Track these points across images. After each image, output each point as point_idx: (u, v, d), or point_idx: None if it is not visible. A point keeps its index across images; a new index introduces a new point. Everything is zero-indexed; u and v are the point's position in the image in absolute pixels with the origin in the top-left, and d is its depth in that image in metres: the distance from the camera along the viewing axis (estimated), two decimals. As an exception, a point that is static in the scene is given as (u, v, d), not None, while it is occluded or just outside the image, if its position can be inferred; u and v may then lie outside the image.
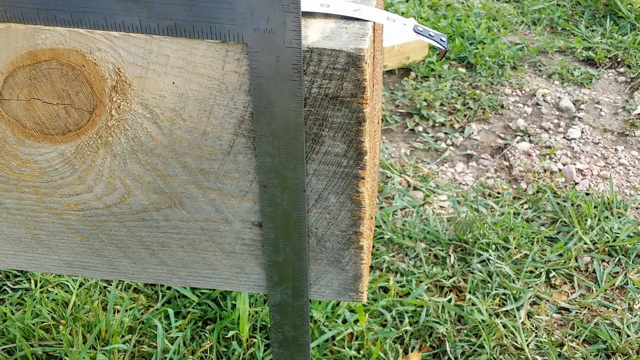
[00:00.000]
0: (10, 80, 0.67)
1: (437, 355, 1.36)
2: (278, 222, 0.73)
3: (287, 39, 0.61)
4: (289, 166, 0.68)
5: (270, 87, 0.64)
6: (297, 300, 0.81)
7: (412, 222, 1.65)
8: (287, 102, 0.64)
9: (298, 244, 0.75)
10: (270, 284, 0.80)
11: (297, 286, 0.79)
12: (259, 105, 0.65)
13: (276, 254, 0.76)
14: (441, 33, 0.71)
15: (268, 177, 0.70)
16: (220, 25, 0.61)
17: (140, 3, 0.61)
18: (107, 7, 0.62)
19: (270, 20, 0.60)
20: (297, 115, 0.65)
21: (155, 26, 0.62)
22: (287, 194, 0.71)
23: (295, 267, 0.77)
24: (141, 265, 0.83)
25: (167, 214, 0.76)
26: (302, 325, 0.84)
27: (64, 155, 0.73)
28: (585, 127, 2.08)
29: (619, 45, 2.44)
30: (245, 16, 0.60)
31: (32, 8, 0.63)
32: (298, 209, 0.72)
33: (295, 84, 0.63)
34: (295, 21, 0.60)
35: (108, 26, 0.63)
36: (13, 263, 0.85)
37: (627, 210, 1.72)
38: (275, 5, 0.59)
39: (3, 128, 0.71)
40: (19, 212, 0.79)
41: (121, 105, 0.68)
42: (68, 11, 0.62)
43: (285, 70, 0.62)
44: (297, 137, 0.66)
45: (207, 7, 0.61)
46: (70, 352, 1.28)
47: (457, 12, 2.64)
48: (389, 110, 2.15)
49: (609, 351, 1.37)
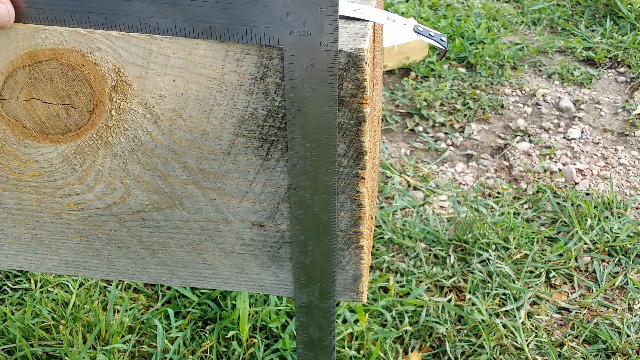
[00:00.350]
0: (10, 80, 0.67)
1: (437, 355, 1.36)
2: (307, 224, 0.73)
3: (324, 41, 0.61)
4: (321, 168, 0.68)
5: (305, 90, 0.63)
6: (324, 302, 0.81)
7: (412, 222, 1.65)
8: (321, 104, 0.64)
9: (327, 246, 0.75)
10: (297, 286, 0.80)
11: (325, 288, 0.79)
12: (293, 108, 0.65)
13: (304, 256, 0.76)
14: (441, 33, 0.71)
15: (299, 179, 0.70)
16: (257, 28, 0.61)
17: (176, 6, 0.61)
18: (142, 9, 0.62)
19: (307, 23, 0.60)
20: (330, 118, 0.65)
21: (190, 29, 0.62)
22: (317, 196, 0.71)
23: (323, 269, 0.77)
24: (141, 265, 0.83)
25: (167, 214, 0.76)
26: (328, 326, 0.84)
27: (64, 155, 0.73)
28: (585, 127, 2.08)
29: (619, 45, 2.44)
30: (282, 19, 0.60)
31: (65, 10, 0.62)
32: (328, 211, 0.72)
33: (330, 86, 0.63)
34: (333, 24, 0.60)
35: (142, 29, 0.63)
36: (13, 263, 0.85)
37: (627, 210, 1.72)
38: (313, 8, 0.59)
39: (3, 128, 0.71)
40: (19, 212, 0.79)
41: (121, 105, 0.68)
42: (102, 13, 0.62)
43: (321, 73, 0.62)
44: (330, 139, 0.66)
45: (243, 10, 0.60)
46: (70, 352, 1.28)
47: (457, 12, 2.64)
48: (389, 110, 2.15)
49: (609, 351, 1.37)
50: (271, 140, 0.69)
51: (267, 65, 0.64)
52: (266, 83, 0.65)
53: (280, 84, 0.65)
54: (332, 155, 0.67)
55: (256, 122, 0.68)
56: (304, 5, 0.59)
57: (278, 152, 0.70)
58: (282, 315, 1.37)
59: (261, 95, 0.66)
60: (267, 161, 0.70)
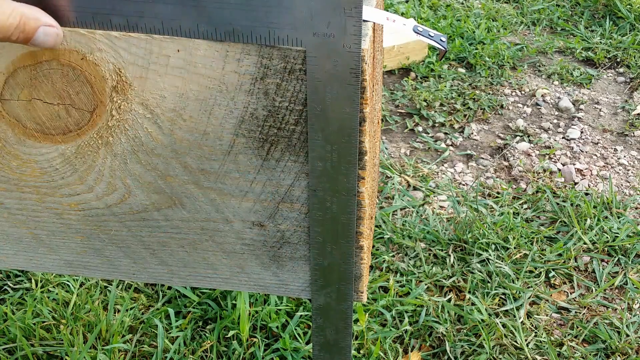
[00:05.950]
0: (11, 80, 0.68)
1: (437, 355, 1.36)
2: (326, 225, 0.73)
3: (347, 43, 0.60)
4: (341, 170, 0.68)
5: (327, 92, 0.63)
6: (341, 304, 0.81)
7: (412, 222, 1.66)
8: (343, 106, 0.64)
9: (346, 248, 0.75)
10: (315, 288, 0.79)
11: (342, 290, 0.79)
12: (314, 110, 0.65)
13: (322, 258, 0.76)
14: (441, 33, 0.71)
15: (319, 181, 0.70)
16: (280, 30, 0.61)
17: (199, 8, 0.61)
18: (165, 12, 0.61)
19: (331, 24, 0.60)
20: (352, 120, 0.65)
21: (213, 31, 0.62)
22: (337, 198, 0.70)
23: (341, 271, 0.77)
24: (142, 265, 0.83)
25: (167, 213, 0.77)
26: (345, 328, 0.84)
27: (64, 155, 0.73)
28: (585, 127, 2.09)
29: (619, 46, 2.44)
30: (305, 21, 0.60)
31: (88, 12, 0.62)
32: (347, 213, 0.71)
33: (352, 88, 0.63)
34: (356, 25, 0.59)
35: (164, 31, 0.62)
36: (14, 263, 0.86)
37: (626, 210, 1.72)
38: (337, 10, 0.59)
39: (4, 128, 0.71)
40: (19, 212, 0.79)
41: (122, 105, 0.68)
42: (124, 15, 0.62)
43: (343, 75, 0.62)
44: (351, 141, 0.66)
45: (267, 11, 0.60)
46: (70, 351, 1.29)
47: (457, 12, 2.65)
48: (389, 110, 2.15)
49: (609, 351, 1.37)
50: (271, 141, 0.69)
51: (267, 65, 0.64)
52: (266, 83, 0.65)
53: (280, 84, 0.65)
54: (353, 156, 0.67)
55: (256, 122, 0.68)
56: (328, 6, 0.59)
57: (278, 152, 0.70)
58: (282, 315, 1.37)
59: (261, 95, 0.66)
60: (268, 161, 0.71)
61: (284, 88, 0.65)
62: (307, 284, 0.81)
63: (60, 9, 0.62)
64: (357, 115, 0.65)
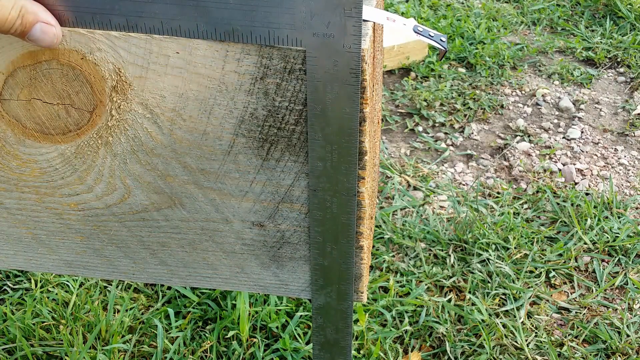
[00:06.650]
0: (10, 80, 0.67)
1: (437, 355, 1.36)
2: (327, 225, 0.73)
3: (347, 43, 0.60)
4: (341, 170, 0.68)
5: (327, 92, 0.63)
6: (341, 303, 0.81)
7: (412, 222, 1.65)
8: (343, 106, 0.64)
9: (346, 248, 0.75)
10: (315, 288, 0.80)
11: (342, 289, 0.79)
12: (314, 110, 0.65)
13: (322, 258, 0.76)
14: (441, 33, 0.71)
15: (318, 181, 0.70)
16: (279, 30, 0.61)
17: (199, 8, 0.61)
18: (164, 12, 0.61)
19: (331, 24, 0.60)
20: (352, 120, 0.65)
21: (212, 31, 0.62)
22: (337, 198, 0.71)
23: (342, 271, 0.77)
24: (141, 265, 0.83)
25: (167, 213, 0.77)
26: (345, 328, 0.84)
27: (64, 155, 0.73)
28: (585, 127, 2.09)
29: (619, 46, 2.44)
30: (305, 21, 0.60)
31: (87, 12, 0.62)
32: (347, 212, 0.72)
33: (352, 88, 0.63)
34: (356, 25, 0.59)
35: (164, 31, 0.62)
36: (13, 263, 0.86)
37: (626, 210, 1.72)
38: (337, 10, 0.59)
39: (3, 128, 0.71)
40: (19, 212, 0.79)
41: (121, 105, 0.68)
42: (124, 15, 0.62)
43: (343, 75, 0.62)
44: (351, 141, 0.66)
45: (266, 12, 0.60)
46: (70, 352, 1.28)
47: (457, 12, 2.65)
48: (389, 110, 2.15)
49: (609, 351, 1.37)
50: (271, 140, 0.69)
51: (267, 65, 0.64)
52: (266, 83, 0.65)
53: (280, 84, 0.65)
54: (353, 156, 0.67)
55: (256, 122, 0.68)
56: (327, 7, 0.59)
57: (278, 152, 0.70)
58: (282, 315, 1.37)
59: (261, 95, 0.66)
60: (267, 161, 0.71)
61: (284, 88, 0.65)
62: (307, 284, 0.81)
63: (60, 8, 0.62)
64: (357, 115, 0.65)
